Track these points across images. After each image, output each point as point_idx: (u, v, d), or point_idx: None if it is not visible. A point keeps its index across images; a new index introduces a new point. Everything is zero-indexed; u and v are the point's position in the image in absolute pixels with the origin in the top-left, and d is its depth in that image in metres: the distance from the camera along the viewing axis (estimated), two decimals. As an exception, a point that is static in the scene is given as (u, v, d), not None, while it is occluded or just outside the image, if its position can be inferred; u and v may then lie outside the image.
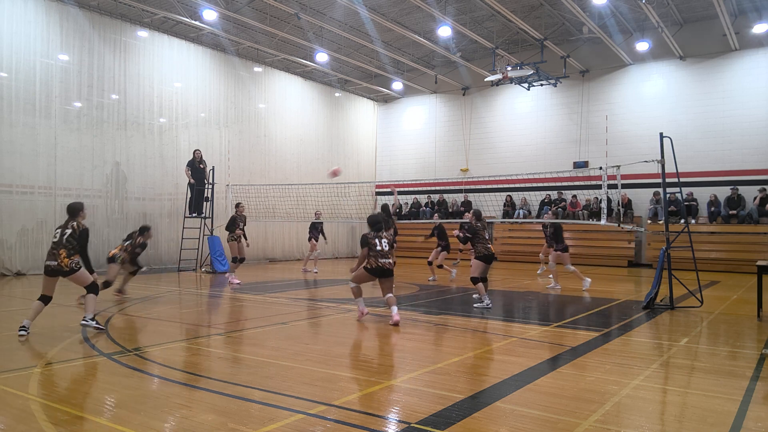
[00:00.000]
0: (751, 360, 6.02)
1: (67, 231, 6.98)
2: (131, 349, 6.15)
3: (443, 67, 23.83)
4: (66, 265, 6.84)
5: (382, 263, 7.98)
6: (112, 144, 15.85)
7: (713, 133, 19.02)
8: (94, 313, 7.26)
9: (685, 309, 9.40)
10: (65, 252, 6.86)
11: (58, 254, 6.84)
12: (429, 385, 4.96)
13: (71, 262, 6.90)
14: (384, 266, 7.98)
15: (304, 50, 20.86)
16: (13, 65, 13.87)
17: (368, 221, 8.40)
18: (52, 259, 6.84)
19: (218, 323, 8.25)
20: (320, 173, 22.77)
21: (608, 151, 20.20)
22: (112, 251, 10.01)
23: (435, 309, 9.53)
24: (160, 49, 17.19)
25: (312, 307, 9.54)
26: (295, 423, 3.97)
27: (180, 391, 4.76)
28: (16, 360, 5.73)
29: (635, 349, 6.62)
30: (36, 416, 4.06)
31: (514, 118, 23.10)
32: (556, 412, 4.26)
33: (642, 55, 19.98)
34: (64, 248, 6.87)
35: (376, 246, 8.05)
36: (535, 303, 10.82)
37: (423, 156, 25.27)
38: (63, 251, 6.85)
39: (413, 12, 18.45)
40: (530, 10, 18.49)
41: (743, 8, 17.96)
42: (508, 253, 21.85)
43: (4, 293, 11.13)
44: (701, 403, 4.56)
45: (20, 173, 14.01)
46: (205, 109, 18.62)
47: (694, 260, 9.74)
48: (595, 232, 20.29)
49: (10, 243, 13.84)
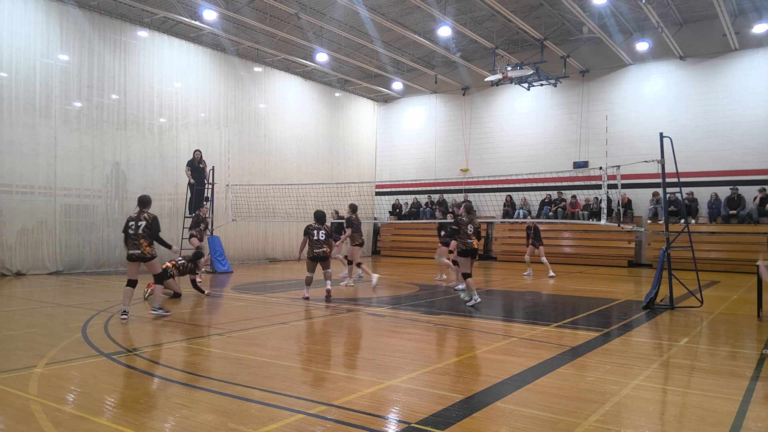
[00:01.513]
0: (751, 360, 6.02)
1: (142, 223, 7.99)
2: (131, 349, 6.15)
3: (443, 67, 23.82)
4: (148, 252, 8.02)
5: (317, 252, 10.13)
6: (112, 144, 15.84)
7: (713, 133, 19.02)
8: (159, 302, 8.40)
9: (685, 309, 9.40)
10: (146, 242, 8.00)
11: (139, 244, 7.96)
12: (429, 385, 4.96)
13: (152, 250, 8.07)
14: (319, 254, 10.15)
15: (304, 50, 20.86)
16: (13, 65, 13.87)
17: (315, 215, 10.35)
18: (135, 248, 7.97)
19: (218, 323, 8.25)
20: (320, 173, 22.80)
21: (608, 151, 20.21)
22: (165, 263, 10.23)
23: (435, 309, 9.53)
24: (160, 49, 17.18)
25: (312, 307, 9.54)
26: (295, 423, 3.97)
27: (180, 391, 4.76)
28: (16, 360, 5.73)
29: (635, 349, 6.62)
30: (36, 416, 4.06)
31: (514, 118, 23.10)
32: (556, 412, 4.26)
33: (642, 55, 19.98)
34: (143, 238, 7.98)
35: (314, 236, 10.10)
36: (535, 303, 10.82)
37: (423, 156, 25.27)
38: (143, 241, 7.99)
39: (413, 12, 18.45)
40: (530, 10, 18.49)
41: (743, 8, 17.96)
42: (508, 253, 21.85)
43: (4, 293, 11.13)
44: (701, 403, 4.56)
45: (20, 173, 14.01)
46: (205, 109, 18.62)
47: (694, 260, 9.74)
48: (595, 232, 20.28)
49: (10, 243, 13.84)
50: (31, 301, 10.05)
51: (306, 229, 10.27)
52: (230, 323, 8.14)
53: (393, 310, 9.40)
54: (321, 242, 10.17)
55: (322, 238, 10.17)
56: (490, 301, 11.06)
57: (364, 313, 9.05)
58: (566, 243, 21.06)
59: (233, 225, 17.93)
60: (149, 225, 7.98)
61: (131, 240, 7.98)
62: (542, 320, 8.80)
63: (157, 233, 8.08)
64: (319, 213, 10.48)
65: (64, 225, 14.85)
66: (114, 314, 8.41)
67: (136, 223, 7.99)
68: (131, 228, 8.01)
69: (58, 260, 14.63)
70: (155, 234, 8.05)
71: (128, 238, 8.02)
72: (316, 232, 10.18)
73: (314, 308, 9.41)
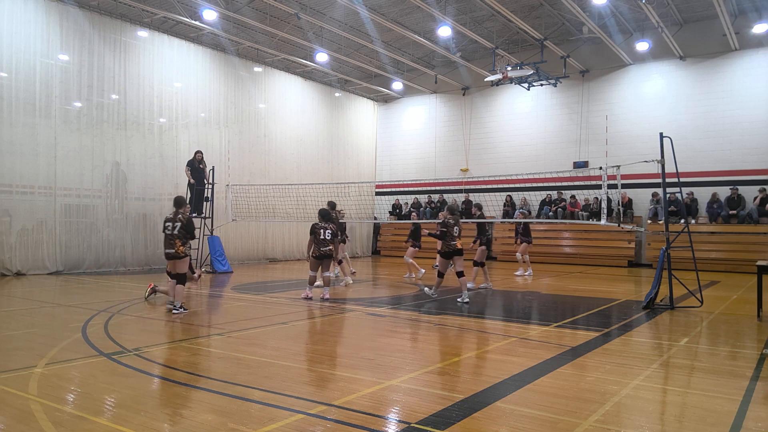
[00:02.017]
0: (751, 360, 6.02)
1: (177, 224, 8.62)
2: (131, 349, 6.15)
3: (443, 67, 23.82)
4: (181, 252, 8.65)
5: (323, 251, 10.05)
6: (112, 144, 15.84)
7: (713, 133, 19.02)
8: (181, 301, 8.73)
9: (685, 309, 9.40)
10: (180, 242, 8.61)
11: (174, 244, 8.60)
12: (429, 385, 4.96)
13: (185, 249, 8.72)
14: (325, 253, 10.06)
15: (304, 50, 20.86)
16: (13, 65, 13.87)
17: (320, 213, 10.32)
18: (170, 248, 8.66)
19: (218, 323, 8.25)
20: (320, 173, 22.79)
21: (608, 151, 20.22)
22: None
23: (435, 309, 9.53)
24: (160, 49, 17.18)
25: (312, 307, 9.54)
26: (295, 423, 3.97)
27: (180, 391, 4.76)
28: (16, 360, 5.73)
29: (635, 349, 6.62)
30: (36, 416, 4.06)
31: (514, 118, 23.10)
32: (556, 412, 4.26)
33: (642, 55, 19.98)
34: (178, 239, 8.60)
35: (320, 235, 10.04)
36: (535, 303, 10.82)
37: (423, 156, 25.27)
38: (178, 241, 8.60)
39: (413, 12, 18.45)
40: (530, 10, 18.49)
41: (743, 8, 17.96)
42: (508, 253, 21.83)
43: (4, 293, 11.12)
44: (701, 403, 4.56)
45: (20, 173, 14.00)
46: (205, 109, 18.61)
47: (694, 260, 9.74)
48: (595, 232, 20.28)
49: (10, 243, 13.84)
50: (31, 301, 10.05)
51: (312, 228, 10.19)
52: (230, 323, 8.14)
53: (393, 310, 9.40)
54: (327, 241, 10.13)
55: (328, 237, 10.14)
56: (490, 301, 11.07)
57: (364, 313, 9.05)
58: (566, 243, 21.07)
59: (233, 225, 17.92)
60: (184, 226, 8.64)
61: (167, 240, 8.67)
62: (542, 320, 8.80)
63: (192, 233, 8.80)
64: (324, 211, 10.46)
65: (64, 225, 14.85)
66: (114, 314, 8.41)
67: (173, 224, 8.65)
68: (167, 228, 8.68)
69: (58, 260, 14.62)
70: (191, 234, 8.75)
71: (165, 238, 8.73)
72: (322, 231, 10.13)
73: (314, 308, 9.41)
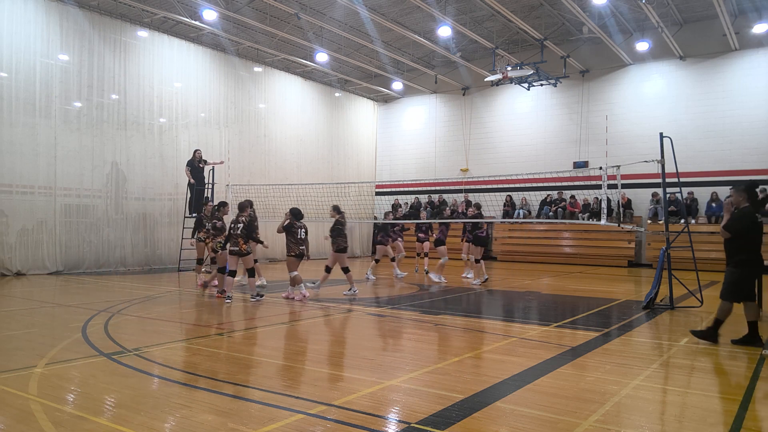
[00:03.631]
0: (751, 360, 6.02)
1: (240, 225, 9.70)
2: (131, 349, 6.15)
3: (443, 67, 23.82)
4: (244, 249, 9.70)
5: (302, 250, 10.12)
6: (112, 144, 15.84)
7: (713, 133, 19.02)
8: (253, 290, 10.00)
9: (685, 309, 9.40)
10: (242, 240, 9.64)
11: (237, 242, 9.65)
12: (429, 385, 4.96)
13: (247, 247, 9.74)
14: (303, 252, 10.13)
15: (304, 50, 20.86)
16: (13, 65, 13.86)
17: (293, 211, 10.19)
18: (234, 246, 9.69)
19: (218, 323, 8.25)
20: (320, 173, 22.79)
21: (608, 151, 20.21)
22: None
23: (435, 309, 9.53)
24: (160, 49, 17.17)
25: (312, 307, 9.54)
26: (295, 423, 3.97)
27: (180, 391, 4.76)
28: (16, 360, 5.73)
29: (635, 349, 6.62)
30: (36, 416, 4.06)
31: (514, 118, 23.10)
32: (556, 412, 4.26)
33: (642, 55, 19.98)
34: (240, 237, 9.64)
35: (297, 234, 10.06)
36: (535, 303, 10.82)
37: (423, 156, 25.27)
38: (240, 239, 9.63)
39: (413, 12, 18.45)
40: (530, 10, 18.49)
41: (743, 8, 17.96)
42: (507, 253, 21.87)
43: (4, 293, 11.12)
44: (701, 403, 4.56)
45: (20, 173, 14.00)
46: (205, 109, 18.61)
47: (694, 260, 9.73)
48: (595, 232, 20.29)
49: (10, 243, 13.83)
50: (31, 301, 10.05)
51: (288, 226, 10.09)
52: (230, 323, 8.14)
53: (393, 310, 9.40)
54: (303, 240, 10.14)
55: (303, 236, 10.15)
56: (491, 301, 11.07)
57: (364, 313, 9.05)
58: (566, 243, 21.07)
59: (233, 225, 17.90)
60: (245, 227, 9.68)
61: (232, 238, 9.69)
62: (542, 320, 8.80)
63: (252, 232, 9.83)
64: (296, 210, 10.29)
65: (64, 225, 14.85)
66: (114, 314, 8.41)
67: (235, 224, 9.72)
68: (232, 228, 9.74)
69: (58, 260, 14.62)
70: (252, 233, 9.81)
71: (230, 237, 9.77)
72: (299, 230, 10.11)
73: (314, 308, 9.41)
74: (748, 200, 6.64)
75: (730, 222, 6.59)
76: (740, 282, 6.57)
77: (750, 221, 6.53)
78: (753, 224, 6.54)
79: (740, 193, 6.70)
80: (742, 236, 6.54)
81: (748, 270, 6.58)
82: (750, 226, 6.53)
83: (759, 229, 6.61)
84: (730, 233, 6.56)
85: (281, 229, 10.20)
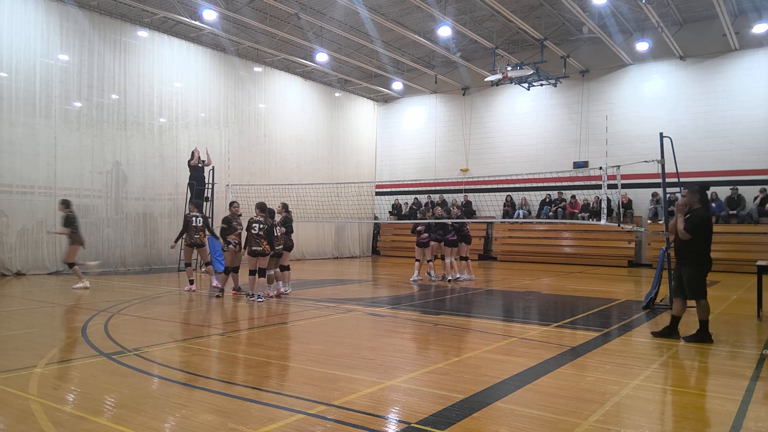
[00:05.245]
0: (751, 360, 6.02)
1: (264, 227, 9.85)
2: (131, 349, 6.15)
3: (443, 67, 23.82)
4: (267, 250, 9.87)
5: (255, 249, 9.85)
6: (112, 144, 15.83)
7: (713, 133, 19.02)
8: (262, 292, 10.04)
9: (686, 309, 9.38)
10: (265, 241, 9.83)
11: (260, 243, 9.79)
12: (429, 385, 4.96)
13: (270, 248, 9.93)
14: (257, 251, 9.86)
15: (304, 50, 20.86)
16: (13, 65, 13.86)
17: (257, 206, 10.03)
18: (257, 246, 9.79)
19: (218, 323, 8.25)
20: (320, 173, 22.78)
21: (608, 151, 20.22)
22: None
23: (435, 309, 9.53)
24: (160, 49, 17.17)
25: (312, 307, 9.54)
26: (295, 423, 3.97)
27: (180, 391, 4.76)
28: (16, 360, 5.73)
29: (635, 349, 6.62)
30: (36, 416, 4.06)
31: (514, 118, 23.10)
32: (556, 412, 4.26)
33: (642, 55, 19.98)
34: (263, 239, 9.82)
35: (254, 230, 9.86)
36: (535, 303, 10.82)
37: (423, 156, 25.27)
38: (263, 241, 9.82)
39: (413, 12, 18.45)
40: (530, 10, 18.49)
41: (743, 8, 17.96)
42: (508, 253, 21.86)
43: (4, 293, 11.13)
44: (701, 403, 4.56)
45: (20, 173, 13.99)
46: (205, 109, 18.61)
47: (694, 260, 9.72)
48: (595, 232, 20.28)
49: (10, 243, 13.83)
50: (31, 301, 10.05)
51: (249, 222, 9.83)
52: (230, 323, 8.14)
53: (393, 310, 9.40)
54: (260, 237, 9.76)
55: (262, 233, 9.75)
56: (491, 301, 11.07)
57: (364, 313, 9.05)
58: (566, 243, 21.07)
59: (233, 225, 17.90)
60: (266, 229, 9.89)
61: (254, 239, 9.79)
62: (542, 320, 8.80)
63: (270, 234, 9.94)
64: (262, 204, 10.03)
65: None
66: (114, 314, 8.41)
67: (259, 225, 9.82)
68: (254, 229, 9.81)
69: (58, 260, 14.60)
70: (270, 235, 9.95)
71: (252, 237, 9.83)
72: (256, 226, 9.73)
73: (314, 308, 9.41)
74: (701, 202, 6.99)
75: (689, 224, 6.89)
76: (700, 279, 7.01)
77: (707, 222, 6.91)
78: (709, 225, 6.95)
79: (693, 194, 7.03)
80: (700, 237, 6.88)
81: (705, 268, 7.03)
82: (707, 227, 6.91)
83: (711, 229, 7.01)
84: (691, 235, 6.87)
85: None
